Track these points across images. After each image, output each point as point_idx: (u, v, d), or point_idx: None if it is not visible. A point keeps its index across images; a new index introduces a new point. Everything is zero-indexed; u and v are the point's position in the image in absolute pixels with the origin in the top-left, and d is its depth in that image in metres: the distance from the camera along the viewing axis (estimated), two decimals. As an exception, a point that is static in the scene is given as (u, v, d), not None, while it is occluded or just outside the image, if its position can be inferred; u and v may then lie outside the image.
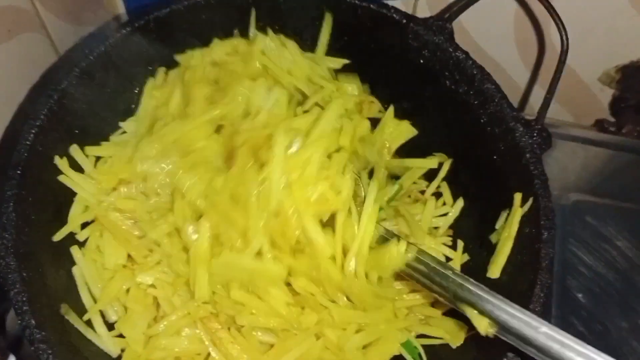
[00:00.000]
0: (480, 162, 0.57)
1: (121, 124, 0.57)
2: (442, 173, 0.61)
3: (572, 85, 0.76)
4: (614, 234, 0.66)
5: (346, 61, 0.61)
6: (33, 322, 0.43)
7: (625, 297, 0.63)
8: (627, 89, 0.75)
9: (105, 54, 0.54)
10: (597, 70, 0.75)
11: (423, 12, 0.71)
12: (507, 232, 0.52)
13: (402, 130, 0.61)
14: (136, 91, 0.58)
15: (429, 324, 0.55)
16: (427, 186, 0.62)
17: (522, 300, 0.47)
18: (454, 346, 0.53)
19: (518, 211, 0.52)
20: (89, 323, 0.49)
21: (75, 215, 0.52)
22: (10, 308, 0.58)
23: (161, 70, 0.59)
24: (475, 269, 0.56)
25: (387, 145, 0.61)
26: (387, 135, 0.61)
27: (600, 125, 0.79)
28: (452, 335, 0.53)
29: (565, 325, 0.62)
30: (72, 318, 0.47)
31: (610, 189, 0.70)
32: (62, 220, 0.51)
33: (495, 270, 0.52)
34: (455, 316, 0.53)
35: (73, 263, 0.51)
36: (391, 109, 0.62)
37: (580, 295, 0.64)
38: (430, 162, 0.62)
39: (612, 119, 0.79)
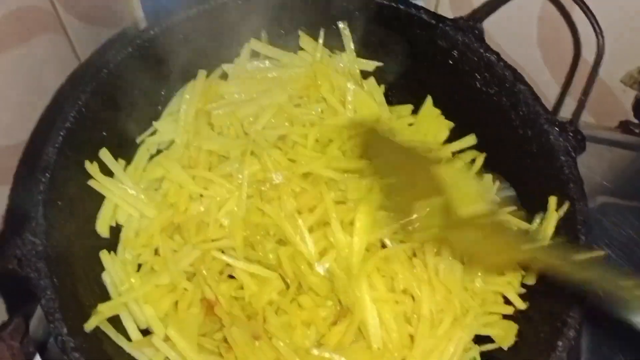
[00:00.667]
0: (513, 165, 0.56)
1: (155, 124, 0.57)
2: (476, 167, 0.59)
3: (595, 87, 0.75)
4: (640, 235, 0.66)
5: (378, 63, 0.61)
6: (65, 330, 0.42)
7: (652, 299, 0.62)
8: (650, 91, 0.74)
9: (132, 56, 0.53)
10: (619, 72, 0.74)
11: (445, 12, 0.71)
12: (541, 237, 0.51)
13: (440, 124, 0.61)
14: (163, 93, 0.57)
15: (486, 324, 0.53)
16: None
17: (561, 306, 0.46)
18: (505, 347, 0.51)
19: (553, 215, 0.51)
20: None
21: (104, 220, 0.51)
22: (33, 313, 0.58)
23: (202, 74, 0.58)
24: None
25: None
26: (426, 130, 0.60)
27: (624, 126, 0.78)
28: (504, 335, 0.52)
29: (596, 332, 0.61)
30: (104, 326, 0.46)
31: (637, 191, 0.69)
32: (92, 225, 0.50)
33: (531, 277, 0.51)
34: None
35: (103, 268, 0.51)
36: (429, 100, 0.61)
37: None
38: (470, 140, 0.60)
39: (635, 121, 0.78)
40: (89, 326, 0.46)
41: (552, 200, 0.52)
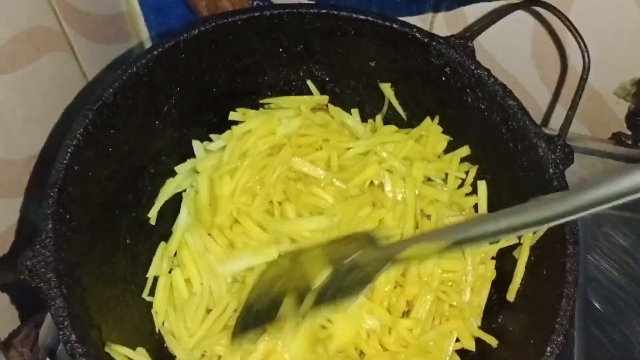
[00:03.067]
0: (504, 178, 0.58)
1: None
2: (469, 179, 0.62)
3: (588, 99, 0.77)
4: (634, 247, 0.67)
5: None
6: (73, 336, 0.44)
7: (646, 308, 0.64)
8: (643, 103, 0.76)
9: (137, 74, 0.55)
10: (613, 84, 0.76)
11: (440, 30, 0.73)
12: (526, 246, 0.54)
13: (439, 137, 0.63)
14: (165, 109, 0.60)
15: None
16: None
17: (550, 314, 0.48)
18: None
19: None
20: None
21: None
22: (43, 321, 0.60)
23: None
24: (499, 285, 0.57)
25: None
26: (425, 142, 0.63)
27: (617, 138, 0.80)
28: None
29: (589, 338, 0.63)
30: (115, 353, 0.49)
31: (630, 202, 0.70)
32: (99, 239, 0.53)
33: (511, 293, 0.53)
34: None
35: (114, 280, 0.53)
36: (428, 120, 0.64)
37: (602, 308, 0.65)
38: (464, 150, 0.62)
39: (628, 132, 0.80)
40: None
41: None
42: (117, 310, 0.53)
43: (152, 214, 0.60)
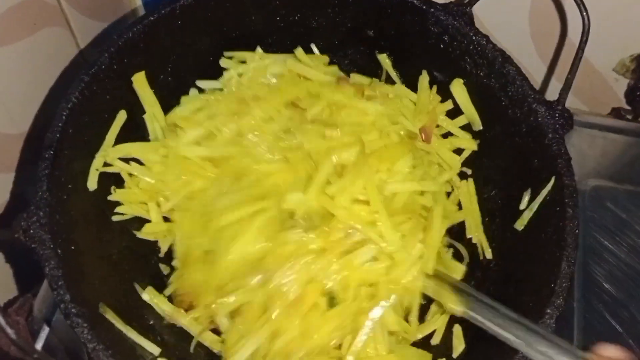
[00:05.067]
0: (503, 145, 0.57)
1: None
2: (462, 158, 0.61)
3: (587, 75, 0.77)
4: (634, 219, 0.67)
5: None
6: (68, 296, 0.44)
7: (648, 281, 0.64)
8: (642, 78, 0.76)
9: (134, 38, 0.55)
10: (612, 60, 0.76)
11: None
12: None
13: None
14: (161, 77, 0.59)
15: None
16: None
17: (549, 276, 0.48)
18: None
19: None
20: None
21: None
22: (36, 293, 0.59)
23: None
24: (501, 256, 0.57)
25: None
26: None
27: (616, 113, 0.79)
28: None
29: (589, 310, 0.62)
30: (110, 316, 0.48)
31: (630, 174, 0.70)
32: (97, 201, 0.52)
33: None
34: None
35: (111, 246, 0.53)
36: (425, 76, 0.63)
37: (603, 281, 0.64)
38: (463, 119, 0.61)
39: (628, 108, 0.80)
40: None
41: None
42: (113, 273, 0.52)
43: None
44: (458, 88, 0.60)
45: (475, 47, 0.58)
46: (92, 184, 0.52)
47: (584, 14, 0.53)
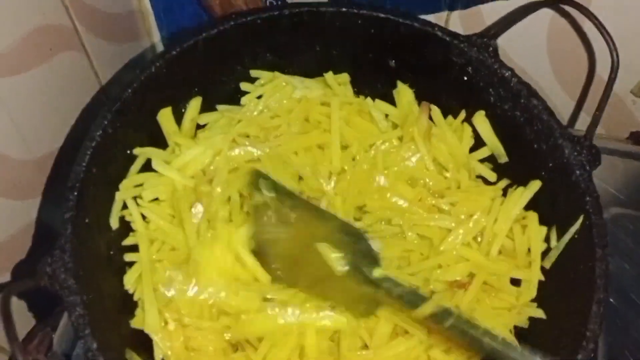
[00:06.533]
0: (529, 180, 0.57)
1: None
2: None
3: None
4: (656, 248, 0.66)
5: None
6: (95, 345, 0.43)
7: (669, 309, 0.63)
8: (660, 101, 0.75)
9: (155, 75, 0.54)
10: (630, 82, 0.75)
11: (455, 29, 0.71)
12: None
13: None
14: (183, 110, 0.59)
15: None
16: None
17: (579, 319, 0.47)
18: None
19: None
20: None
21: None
22: (57, 325, 0.59)
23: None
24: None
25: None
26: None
27: (635, 137, 0.79)
28: None
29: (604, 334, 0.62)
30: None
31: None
32: (118, 240, 0.52)
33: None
34: None
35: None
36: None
37: (618, 304, 0.64)
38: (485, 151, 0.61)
39: (646, 132, 0.79)
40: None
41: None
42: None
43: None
44: (480, 120, 0.60)
45: (499, 80, 0.57)
46: (114, 222, 0.52)
47: (614, 53, 0.53)
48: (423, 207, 0.57)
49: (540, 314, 0.52)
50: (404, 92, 0.62)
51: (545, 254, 0.54)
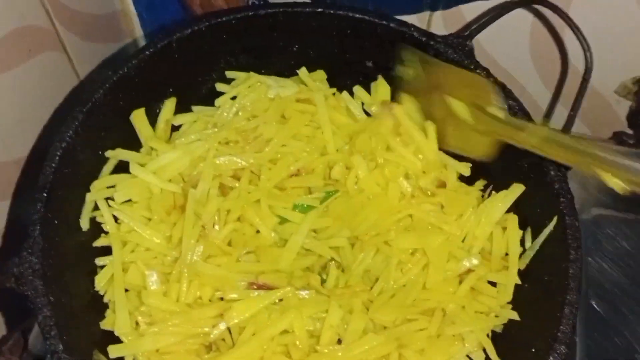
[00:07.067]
0: (505, 180, 0.56)
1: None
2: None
3: (589, 98, 0.75)
4: (636, 248, 0.66)
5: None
6: (61, 346, 0.43)
7: (650, 311, 0.63)
8: (644, 102, 0.75)
9: (128, 75, 0.54)
10: (613, 82, 0.75)
11: (438, 29, 0.71)
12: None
13: None
14: (158, 111, 0.58)
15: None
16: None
17: (552, 321, 0.47)
18: None
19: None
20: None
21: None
22: (32, 327, 0.59)
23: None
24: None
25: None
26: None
27: (618, 137, 0.78)
28: None
29: (587, 340, 0.61)
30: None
31: (632, 203, 0.69)
32: (89, 241, 0.51)
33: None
34: None
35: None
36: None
37: (603, 310, 0.63)
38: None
39: (630, 132, 0.79)
40: None
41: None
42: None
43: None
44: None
45: (475, 80, 0.57)
46: (85, 223, 0.51)
47: (587, 53, 0.52)
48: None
49: (515, 316, 0.52)
50: (382, 86, 0.62)
51: (519, 255, 0.54)
